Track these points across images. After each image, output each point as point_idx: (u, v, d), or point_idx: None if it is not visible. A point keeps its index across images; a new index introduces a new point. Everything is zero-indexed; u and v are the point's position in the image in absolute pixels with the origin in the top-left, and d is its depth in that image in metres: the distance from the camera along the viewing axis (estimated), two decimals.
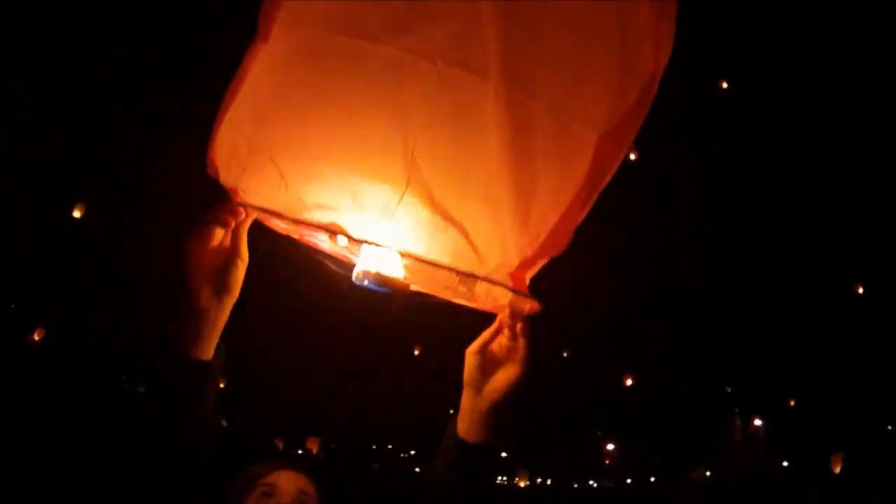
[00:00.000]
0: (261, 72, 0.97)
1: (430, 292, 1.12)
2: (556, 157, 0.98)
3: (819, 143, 6.69)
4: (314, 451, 11.75)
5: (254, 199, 1.04)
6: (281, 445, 11.81)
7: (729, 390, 12.35)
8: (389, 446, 17.86)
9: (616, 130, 0.99)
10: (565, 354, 9.93)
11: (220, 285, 1.07)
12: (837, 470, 9.49)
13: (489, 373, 1.13)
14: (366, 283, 1.05)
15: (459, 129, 0.94)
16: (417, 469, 17.71)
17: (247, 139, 1.00)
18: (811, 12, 5.36)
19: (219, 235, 1.06)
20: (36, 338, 8.59)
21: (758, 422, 13.63)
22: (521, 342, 1.10)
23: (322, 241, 1.12)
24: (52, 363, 8.38)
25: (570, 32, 0.96)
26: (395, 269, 1.07)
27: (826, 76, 6.04)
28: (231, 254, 1.08)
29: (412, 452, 18.27)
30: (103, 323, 7.96)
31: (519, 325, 1.09)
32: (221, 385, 1.14)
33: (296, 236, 1.12)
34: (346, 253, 1.12)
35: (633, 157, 5.23)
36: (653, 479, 15.81)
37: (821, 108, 6.33)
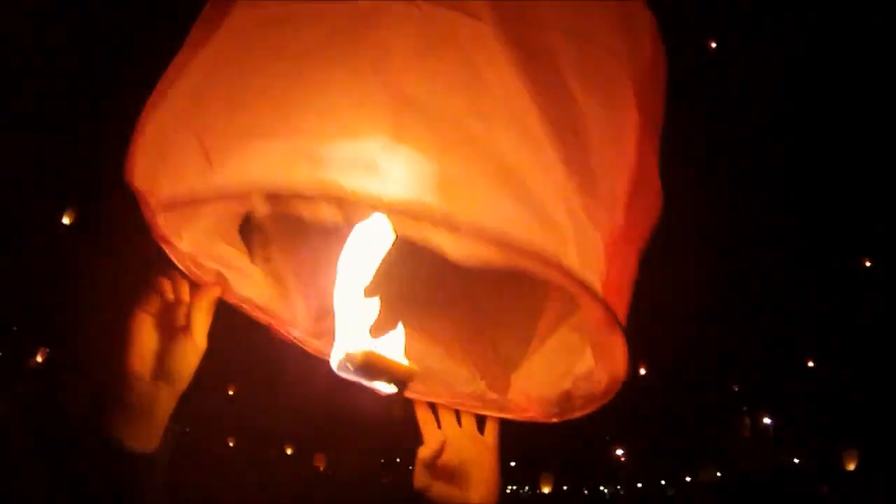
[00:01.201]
0: (201, 48, 0.82)
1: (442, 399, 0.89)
2: (595, 86, 0.77)
3: (818, 144, 6.67)
4: (321, 468, 11.65)
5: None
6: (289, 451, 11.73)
7: (736, 388, 12.27)
8: (398, 459, 17.75)
9: (655, 59, 0.83)
10: None
11: (159, 367, 0.86)
12: (851, 467, 9.40)
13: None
14: (350, 373, 0.79)
15: (452, 66, 0.75)
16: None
17: (180, 124, 0.80)
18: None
19: (167, 307, 0.87)
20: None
21: (766, 419, 13.53)
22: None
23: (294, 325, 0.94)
24: None
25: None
26: (394, 346, 0.80)
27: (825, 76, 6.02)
28: (183, 335, 0.87)
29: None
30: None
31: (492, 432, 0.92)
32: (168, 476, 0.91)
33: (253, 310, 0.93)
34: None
35: None
36: (662, 481, 15.70)
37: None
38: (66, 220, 7.14)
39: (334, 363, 0.80)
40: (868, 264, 8.17)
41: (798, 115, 6.35)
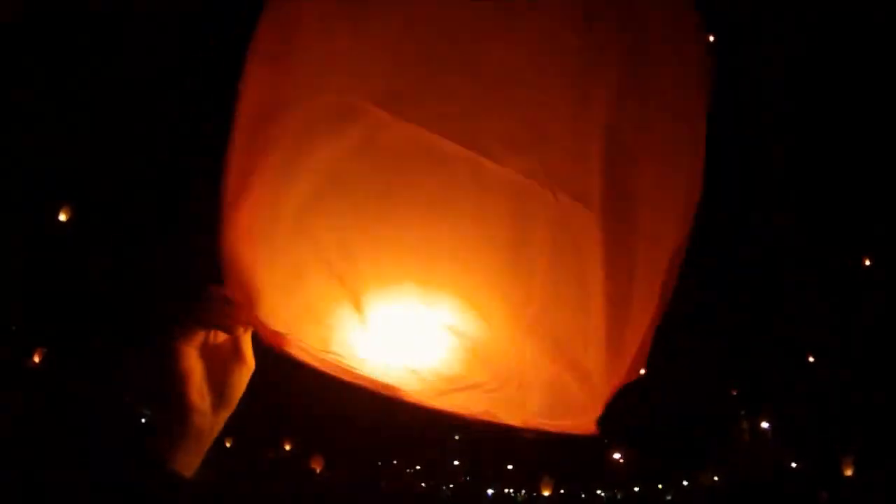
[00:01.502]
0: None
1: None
2: (645, 282, 0.93)
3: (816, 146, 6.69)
4: (318, 471, 11.63)
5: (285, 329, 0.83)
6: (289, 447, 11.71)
7: (735, 392, 12.28)
8: (395, 462, 17.73)
9: (679, 251, 0.97)
10: None
11: (217, 398, 0.86)
12: (849, 472, 9.40)
13: None
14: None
15: (565, 255, 0.88)
16: (423, 484, 17.59)
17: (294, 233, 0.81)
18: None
19: (217, 335, 0.87)
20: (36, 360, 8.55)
21: (765, 424, 13.54)
22: None
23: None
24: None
25: (658, 165, 0.95)
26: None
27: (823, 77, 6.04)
28: (233, 359, 0.87)
29: (417, 468, 18.13)
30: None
31: None
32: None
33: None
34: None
35: None
36: (660, 485, 15.69)
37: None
38: (62, 217, 7.14)
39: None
40: (868, 263, 8.16)
41: (797, 115, 6.36)
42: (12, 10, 5.50)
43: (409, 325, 0.81)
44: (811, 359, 9.66)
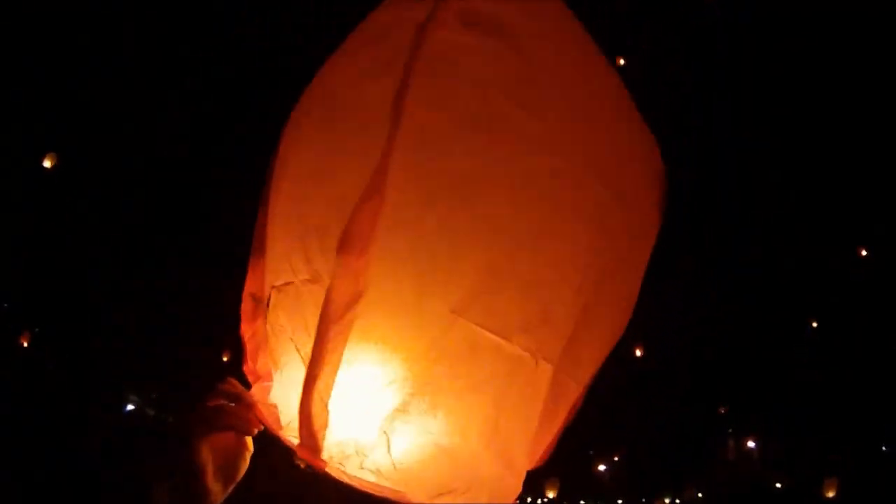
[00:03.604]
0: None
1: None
2: (563, 408, 1.23)
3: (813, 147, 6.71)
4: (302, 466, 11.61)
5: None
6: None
7: (722, 411, 12.29)
8: None
9: (587, 386, 1.27)
10: None
11: (226, 477, 1.04)
12: (831, 494, 9.42)
13: None
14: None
15: (525, 398, 1.13)
16: None
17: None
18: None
19: (221, 430, 1.05)
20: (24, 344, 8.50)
21: (751, 443, 13.56)
22: None
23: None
24: None
25: (602, 327, 1.22)
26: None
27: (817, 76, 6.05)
28: (239, 448, 1.06)
29: None
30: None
31: None
32: None
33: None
34: None
35: None
36: (643, 500, 15.68)
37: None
38: (47, 163, 7.09)
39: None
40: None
41: (797, 114, 6.38)
42: None
43: (419, 449, 1.06)
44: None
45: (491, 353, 1.05)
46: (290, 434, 1.03)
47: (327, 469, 1.00)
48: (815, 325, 8.66)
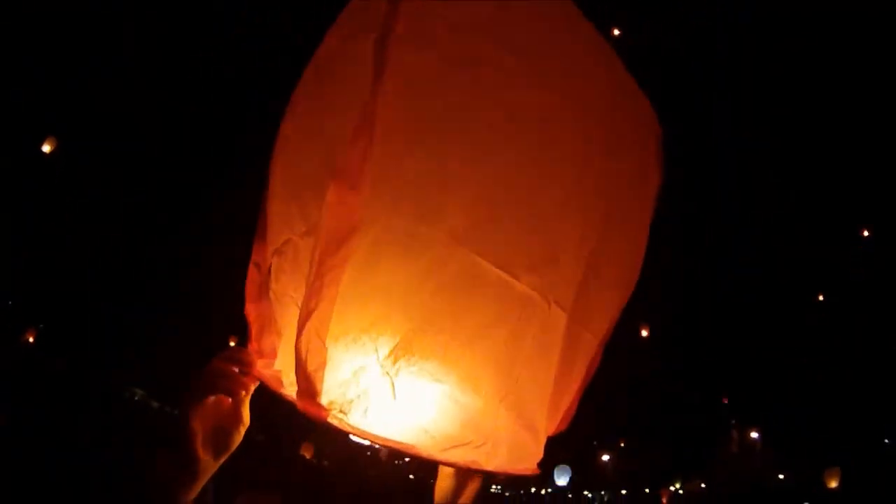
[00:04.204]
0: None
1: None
2: (582, 363, 1.21)
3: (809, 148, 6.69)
4: (308, 457, 11.67)
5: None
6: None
7: (726, 401, 12.32)
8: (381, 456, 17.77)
9: (603, 342, 1.25)
10: None
11: (218, 446, 1.03)
12: (833, 484, 9.44)
13: None
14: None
15: (540, 348, 1.10)
16: (412, 476, 17.64)
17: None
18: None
19: (221, 400, 1.04)
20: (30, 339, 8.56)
21: (754, 434, 13.59)
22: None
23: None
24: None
25: (611, 278, 1.22)
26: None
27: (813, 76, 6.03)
28: (233, 418, 1.04)
29: (406, 459, 18.17)
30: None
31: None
32: None
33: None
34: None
35: None
36: (647, 489, 15.76)
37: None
38: (46, 148, 7.11)
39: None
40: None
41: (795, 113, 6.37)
42: None
43: (427, 397, 1.02)
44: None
45: (497, 290, 1.03)
46: (292, 391, 0.99)
47: (329, 419, 0.94)
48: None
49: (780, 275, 8.03)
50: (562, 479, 14.73)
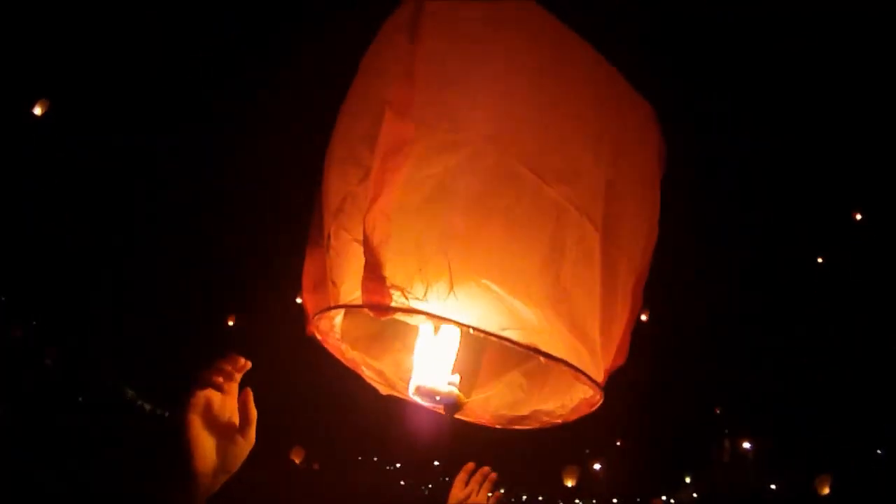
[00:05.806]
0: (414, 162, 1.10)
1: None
2: (623, 288, 1.26)
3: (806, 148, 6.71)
4: (297, 462, 11.60)
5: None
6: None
7: (718, 411, 12.31)
8: (374, 458, 17.73)
9: (641, 277, 1.33)
10: None
11: (226, 468, 0.97)
12: (825, 491, 9.44)
13: None
14: (419, 397, 1.13)
15: (580, 263, 1.17)
16: (402, 482, 17.59)
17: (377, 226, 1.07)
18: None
19: (221, 401, 0.99)
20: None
21: (746, 444, 13.59)
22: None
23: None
24: None
25: (633, 210, 1.30)
26: (448, 386, 1.15)
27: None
28: (238, 434, 0.99)
29: (398, 465, 18.13)
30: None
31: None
32: None
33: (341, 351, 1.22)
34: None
35: None
36: (638, 500, 15.73)
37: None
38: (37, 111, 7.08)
39: (411, 391, 1.15)
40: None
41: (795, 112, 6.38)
42: None
43: (481, 296, 1.08)
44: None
45: (532, 193, 1.12)
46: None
47: (392, 304, 1.01)
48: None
49: (779, 278, 8.04)
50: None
